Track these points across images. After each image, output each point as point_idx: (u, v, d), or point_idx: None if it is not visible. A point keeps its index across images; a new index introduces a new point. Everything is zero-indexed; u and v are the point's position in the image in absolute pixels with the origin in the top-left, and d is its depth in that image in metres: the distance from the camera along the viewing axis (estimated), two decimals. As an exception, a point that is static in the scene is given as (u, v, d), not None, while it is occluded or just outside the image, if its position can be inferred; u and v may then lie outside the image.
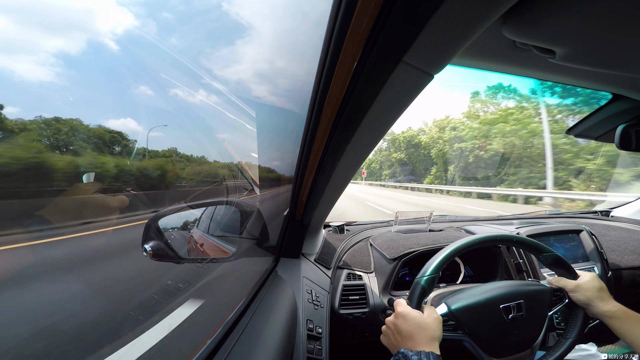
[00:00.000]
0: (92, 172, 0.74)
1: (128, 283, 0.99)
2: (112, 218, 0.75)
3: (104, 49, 0.68)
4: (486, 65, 0.81)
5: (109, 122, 0.75)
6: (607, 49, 0.60)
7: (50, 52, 0.60)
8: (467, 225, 1.53)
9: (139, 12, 0.76)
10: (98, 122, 0.74)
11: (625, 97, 1.03)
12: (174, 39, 0.83)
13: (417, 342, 0.63)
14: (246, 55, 1.17)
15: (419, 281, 0.74)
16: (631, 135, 1.03)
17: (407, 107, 0.55)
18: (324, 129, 0.58)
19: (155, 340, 0.67)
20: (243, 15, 0.99)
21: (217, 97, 1.07)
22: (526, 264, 1.24)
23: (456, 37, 0.41)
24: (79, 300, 0.69)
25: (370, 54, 0.42)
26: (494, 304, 0.75)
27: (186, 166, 1.33)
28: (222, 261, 1.04)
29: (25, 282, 0.60)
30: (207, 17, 0.94)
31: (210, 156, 1.42)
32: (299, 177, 0.79)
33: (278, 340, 0.63)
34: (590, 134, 1.24)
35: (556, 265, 0.83)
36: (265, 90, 1.21)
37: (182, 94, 0.92)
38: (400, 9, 0.36)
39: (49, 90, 0.63)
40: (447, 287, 1.04)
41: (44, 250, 0.63)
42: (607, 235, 1.47)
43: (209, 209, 1.23)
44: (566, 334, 0.80)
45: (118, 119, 0.76)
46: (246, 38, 1.01)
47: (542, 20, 0.51)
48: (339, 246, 1.29)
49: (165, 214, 0.82)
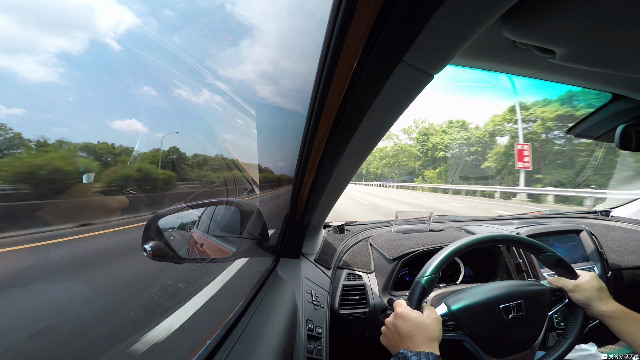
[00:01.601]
0: (92, 173, 0.74)
1: (128, 283, 0.99)
2: (113, 219, 0.75)
3: (105, 49, 0.68)
4: (486, 65, 0.81)
5: (115, 123, 0.75)
6: (607, 49, 0.60)
7: (52, 52, 0.60)
8: (467, 225, 1.53)
9: (140, 9, 0.75)
10: (102, 122, 0.74)
11: (625, 97, 1.03)
12: (176, 37, 0.83)
13: (416, 343, 0.63)
14: (246, 55, 1.17)
15: (418, 281, 0.74)
16: (631, 135, 1.03)
17: (407, 107, 0.55)
18: (324, 129, 0.58)
19: (155, 340, 0.67)
20: (243, 16, 0.99)
21: (217, 97, 1.07)
22: (526, 264, 1.24)
23: (456, 37, 0.41)
24: (78, 301, 0.69)
25: (370, 54, 0.42)
26: (494, 304, 0.75)
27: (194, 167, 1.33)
28: (222, 261, 1.04)
29: (25, 282, 0.60)
30: (207, 18, 0.94)
31: (211, 156, 1.42)
32: (299, 177, 0.79)
33: (278, 340, 0.63)
34: (590, 134, 1.24)
35: (556, 265, 0.83)
36: (265, 90, 1.21)
37: (183, 93, 0.92)
38: (400, 9, 0.36)
39: (50, 91, 0.63)
40: (447, 287, 1.04)
41: (43, 251, 0.63)
42: (607, 235, 1.47)
43: (209, 209, 1.23)
44: (566, 334, 0.80)
45: (123, 120, 0.76)
46: (246, 38, 1.01)
47: (542, 20, 0.51)
48: (339, 246, 1.29)
49: (165, 214, 0.82)
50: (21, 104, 0.54)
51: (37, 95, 0.60)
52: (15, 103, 0.53)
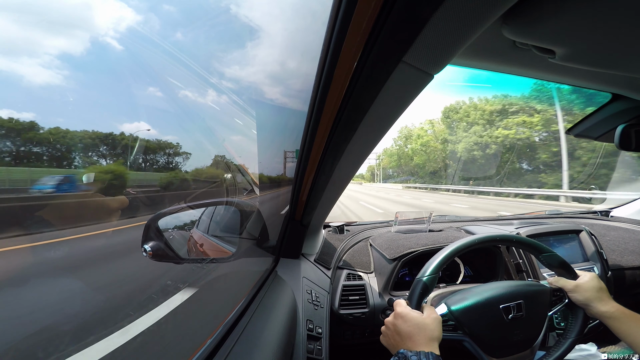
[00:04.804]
0: (92, 173, 0.74)
1: (128, 283, 0.99)
2: (113, 219, 0.75)
3: (107, 49, 0.68)
4: (486, 65, 0.81)
5: (124, 125, 0.75)
6: (607, 49, 0.60)
7: (54, 53, 0.60)
8: (467, 225, 1.53)
9: (139, 5, 0.75)
10: (109, 123, 0.74)
11: (625, 97, 1.03)
12: (178, 35, 0.83)
13: (416, 343, 0.63)
14: (247, 55, 1.17)
15: (418, 281, 0.74)
16: (631, 135, 1.03)
17: (407, 107, 0.55)
18: (324, 128, 0.58)
19: (155, 340, 0.67)
20: (243, 16, 0.99)
21: (217, 97, 1.07)
22: (526, 264, 1.24)
23: (456, 37, 0.41)
24: (78, 300, 0.69)
25: (370, 54, 0.42)
26: (494, 304, 0.75)
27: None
28: (222, 261, 1.04)
29: (26, 282, 0.60)
30: (207, 18, 0.94)
31: (212, 155, 1.42)
32: (299, 177, 0.79)
33: (278, 340, 0.63)
34: (590, 134, 1.24)
35: (556, 265, 0.83)
36: (265, 90, 1.22)
37: (183, 94, 0.92)
38: (400, 9, 0.36)
39: (52, 92, 0.63)
40: (447, 287, 1.04)
41: (44, 251, 0.63)
42: (607, 235, 1.47)
43: (208, 209, 1.23)
44: (566, 334, 0.80)
45: (132, 123, 0.76)
46: (247, 39, 1.01)
47: (542, 20, 0.51)
48: (339, 246, 1.29)
49: (165, 214, 0.82)
50: (30, 108, 0.54)
51: (41, 97, 0.60)
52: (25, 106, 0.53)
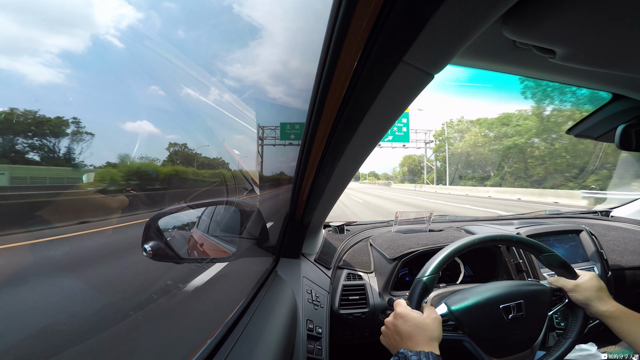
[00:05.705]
0: (92, 172, 0.74)
1: (128, 283, 0.99)
2: (113, 218, 0.75)
3: (108, 48, 0.68)
4: (486, 65, 0.81)
5: (127, 125, 0.76)
6: (607, 49, 0.60)
7: (55, 52, 0.60)
8: (467, 225, 1.53)
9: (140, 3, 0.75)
10: (113, 122, 0.74)
11: (625, 97, 1.03)
12: (179, 33, 0.83)
13: (416, 343, 0.63)
14: (247, 55, 1.17)
15: (418, 281, 0.74)
16: (631, 135, 1.02)
17: (407, 107, 0.55)
18: (324, 128, 0.58)
19: (155, 340, 0.67)
20: (243, 17, 1.00)
21: (218, 97, 1.07)
22: (526, 264, 1.24)
23: (456, 37, 0.41)
24: (78, 300, 0.69)
25: (370, 54, 0.42)
26: (494, 304, 0.75)
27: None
28: (222, 261, 1.04)
29: (26, 281, 0.60)
30: (207, 19, 0.94)
31: (212, 155, 1.42)
32: (299, 177, 0.79)
33: (278, 340, 0.63)
34: (590, 134, 1.24)
35: (556, 265, 0.83)
36: (265, 90, 1.22)
37: (182, 94, 0.92)
38: (400, 9, 0.36)
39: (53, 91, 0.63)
40: (447, 287, 1.04)
41: (43, 249, 0.63)
42: (607, 235, 1.47)
43: (209, 209, 1.23)
44: (566, 334, 0.80)
45: (135, 122, 0.76)
46: (247, 39, 1.01)
47: (542, 20, 0.51)
48: (339, 246, 1.29)
49: (165, 213, 0.82)
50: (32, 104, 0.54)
51: (41, 96, 0.60)
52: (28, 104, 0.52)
